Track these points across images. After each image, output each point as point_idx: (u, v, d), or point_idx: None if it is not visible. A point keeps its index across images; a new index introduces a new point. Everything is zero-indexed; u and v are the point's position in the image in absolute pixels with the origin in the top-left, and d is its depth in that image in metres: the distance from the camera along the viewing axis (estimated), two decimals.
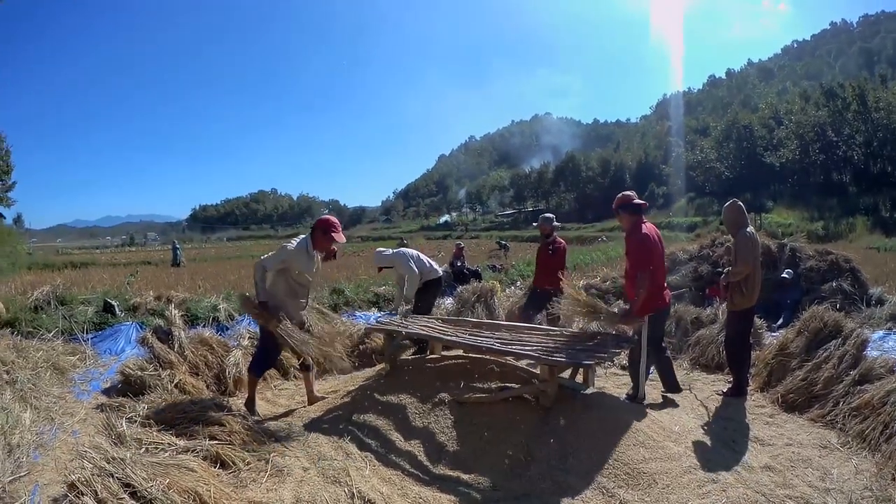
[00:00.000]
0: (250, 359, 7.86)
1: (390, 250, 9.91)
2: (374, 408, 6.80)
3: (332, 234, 7.06)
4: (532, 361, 6.84)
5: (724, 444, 6.18)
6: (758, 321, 9.16)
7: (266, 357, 7.37)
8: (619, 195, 7.57)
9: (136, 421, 6.05)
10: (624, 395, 7.59)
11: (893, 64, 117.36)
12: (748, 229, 7.61)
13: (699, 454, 5.80)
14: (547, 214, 10.16)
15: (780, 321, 11.33)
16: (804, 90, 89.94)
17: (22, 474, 5.00)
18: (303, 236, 7.22)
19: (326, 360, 7.40)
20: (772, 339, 9.45)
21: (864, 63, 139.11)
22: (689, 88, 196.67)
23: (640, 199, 7.38)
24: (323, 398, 7.58)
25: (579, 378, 7.13)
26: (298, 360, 7.74)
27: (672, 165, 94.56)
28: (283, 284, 7.09)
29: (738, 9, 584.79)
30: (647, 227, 7.30)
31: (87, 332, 9.78)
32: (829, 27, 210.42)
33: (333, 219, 7.26)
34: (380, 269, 10.16)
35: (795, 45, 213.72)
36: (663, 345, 7.82)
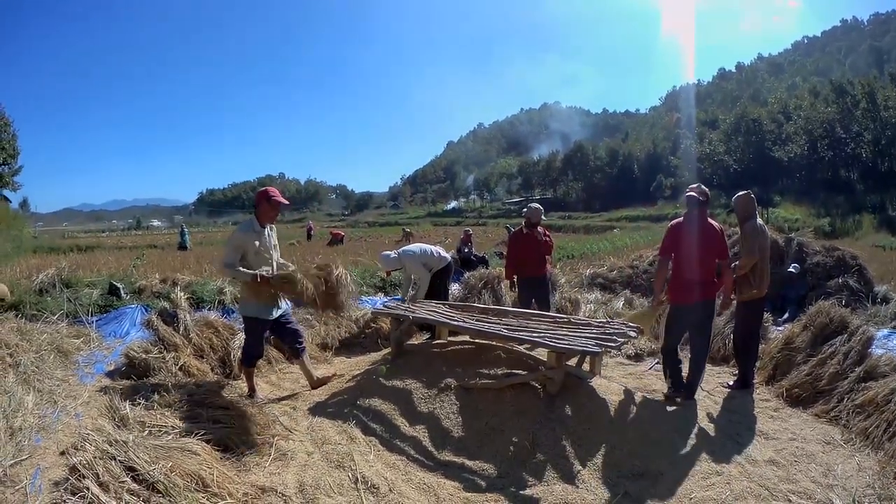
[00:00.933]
0: None
1: (394, 252, 9.79)
2: (379, 392, 6.79)
3: (274, 197, 6.95)
4: (539, 348, 6.85)
5: (728, 436, 6.16)
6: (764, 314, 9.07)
7: (249, 346, 7.22)
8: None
9: (139, 403, 6.02)
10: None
11: None
12: (757, 220, 7.59)
13: (704, 446, 5.79)
14: (537, 205, 10.00)
15: (786, 315, 11.32)
16: (814, 86, 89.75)
17: (24, 457, 4.96)
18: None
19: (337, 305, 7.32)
20: (777, 332, 9.45)
21: (874, 61, 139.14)
22: (699, 81, 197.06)
23: (651, 190, 7.42)
24: (326, 379, 7.58)
25: (586, 366, 7.13)
26: (289, 348, 7.66)
27: (680, 157, 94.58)
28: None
29: (749, 3, 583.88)
30: (692, 218, 7.15)
31: (91, 315, 9.77)
32: (839, 24, 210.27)
33: (270, 188, 7.12)
34: (388, 272, 10.08)
35: (806, 41, 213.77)
36: (677, 346, 7.64)
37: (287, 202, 7.37)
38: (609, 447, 5.49)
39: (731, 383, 7.90)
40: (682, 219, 7.03)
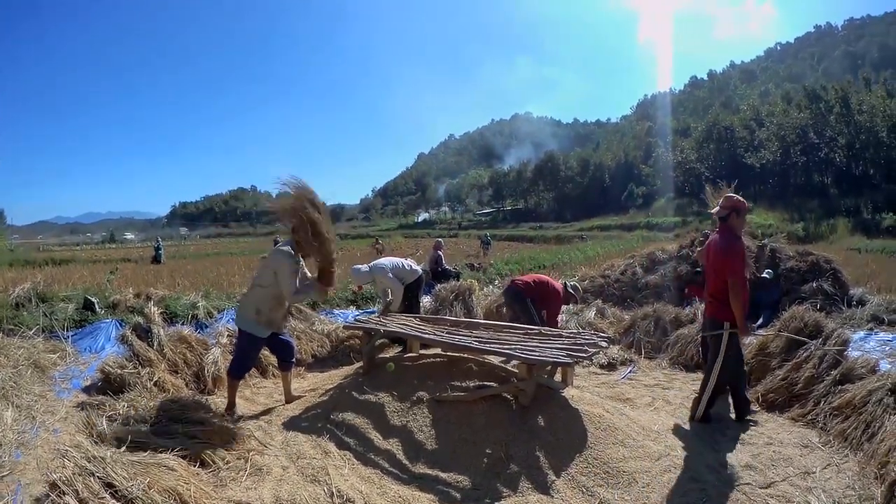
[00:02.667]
0: (230, 358, 7.80)
1: (366, 266, 9.88)
2: (352, 406, 6.81)
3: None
4: (510, 360, 6.88)
5: (704, 442, 6.22)
6: None
7: (244, 359, 7.30)
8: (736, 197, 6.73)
9: (116, 419, 6.04)
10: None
11: (878, 68, 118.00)
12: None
13: (679, 453, 5.82)
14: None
15: (760, 321, 11.37)
16: (786, 92, 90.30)
17: (4, 474, 4.98)
18: (283, 245, 7.17)
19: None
20: (751, 339, 9.50)
21: (849, 66, 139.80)
22: (671, 89, 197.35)
23: (623, 199, 7.39)
24: (300, 397, 7.59)
25: (558, 377, 7.18)
26: (279, 360, 7.67)
27: (652, 166, 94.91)
28: (271, 293, 6.98)
29: (720, 11, 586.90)
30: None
31: (67, 330, 9.72)
32: (812, 30, 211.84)
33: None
34: (359, 287, 10.19)
35: (779, 48, 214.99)
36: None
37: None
38: (583, 457, 5.50)
39: None
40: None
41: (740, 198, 6.61)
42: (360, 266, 9.94)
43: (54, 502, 4.10)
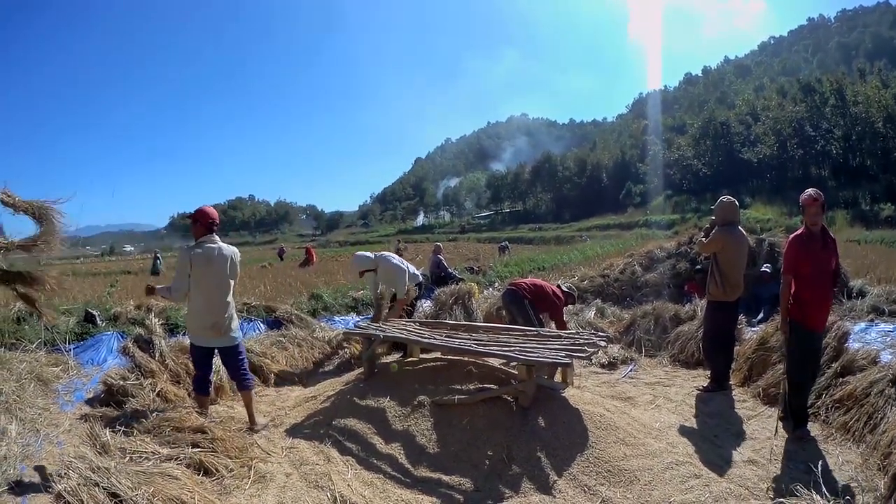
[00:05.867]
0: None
1: (371, 253, 9.90)
2: (354, 412, 6.82)
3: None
4: (510, 362, 6.90)
5: (705, 439, 6.25)
6: None
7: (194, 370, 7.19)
8: (819, 192, 6.33)
9: (119, 430, 6.03)
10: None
11: (872, 58, 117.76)
12: (737, 228, 7.79)
13: (681, 450, 5.85)
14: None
15: (760, 316, 11.47)
16: (781, 86, 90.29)
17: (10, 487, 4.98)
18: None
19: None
20: (751, 333, 9.53)
21: (842, 58, 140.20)
22: (666, 87, 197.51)
23: (621, 198, 7.31)
24: (263, 427, 7.04)
25: (558, 377, 7.22)
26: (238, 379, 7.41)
27: (649, 164, 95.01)
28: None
29: (713, 7, 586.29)
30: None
31: (69, 343, 9.70)
32: (806, 23, 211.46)
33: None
34: (361, 273, 9.98)
35: (772, 42, 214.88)
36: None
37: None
38: (584, 456, 5.53)
39: (704, 386, 8.01)
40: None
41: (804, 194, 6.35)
42: (365, 253, 9.96)
43: None
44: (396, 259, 9.83)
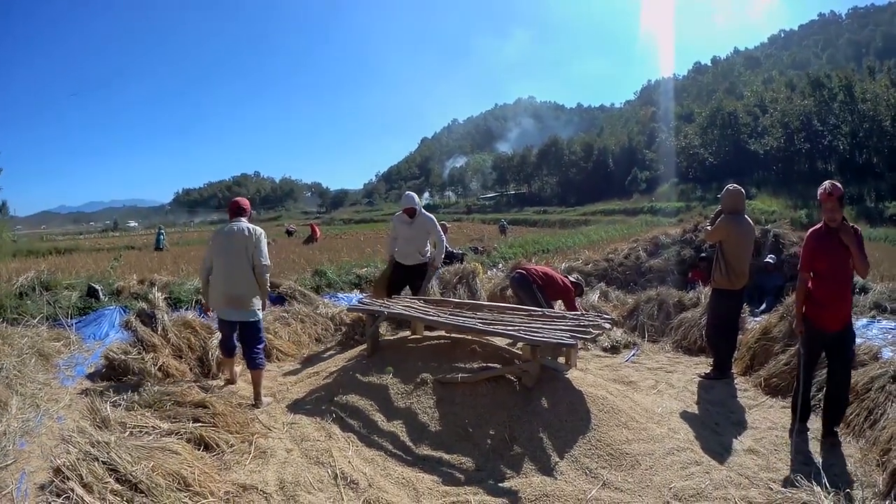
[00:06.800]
0: None
1: (420, 206, 9.63)
2: (356, 389, 6.83)
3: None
4: (514, 342, 6.92)
5: (707, 426, 6.25)
6: None
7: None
8: (839, 185, 5.92)
9: (120, 405, 6.05)
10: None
11: (882, 56, 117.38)
12: (743, 216, 7.77)
13: (682, 436, 5.86)
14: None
15: (763, 306, 11.45)
16: (790, 79, 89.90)
17: (9, 462, 4.94)
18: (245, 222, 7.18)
19: None
20: (754, 323, 9.51)
21: (853, 55, 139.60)
22: (675, 75, 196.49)
23: (627, 184, 7.20)
24: (266, 406, 7.07)
25: (562, 359, 7.23)
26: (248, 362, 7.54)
27: (656, 151, 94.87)
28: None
29: None
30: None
31: (71, 318, 9.75)
32: (817, 18, 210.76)
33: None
34: (409, 211, 9.39)
35: (783, 35, 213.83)
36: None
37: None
38: (586, 438, 5.53)
39: (706, 373, 8.01)
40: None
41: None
42: (415, 195, 9.73)
43: (58, 487, 4.12)
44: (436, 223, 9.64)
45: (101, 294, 10.55)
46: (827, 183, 5.84)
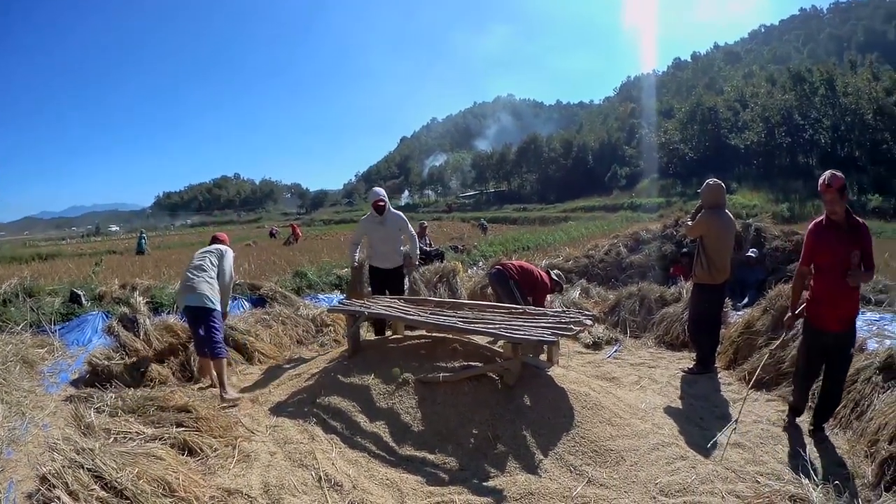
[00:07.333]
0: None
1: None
2: (338, 390, 6.81)
3: None
4: (495, 340, 7.00)
5: (691, 421, 6.27)
6: None
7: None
8: (839, 174, 5.58)
9: (104, 411, 6.03)
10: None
11: (864, 50, 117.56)
12: (723, 211, 7.80)
13: (667, 431, 5.88)
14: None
15: (746, 300, 11.50)
16: (770, 74, 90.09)
17: None
18: None
19: None
20: (737, 317, 9.56)
21: (834, 49, 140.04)
22: (654, 71, 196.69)
23: (606, 180, 7.17)
24: (234, 401, 7.24)
25: (543, 357, 7.19)
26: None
27: (636, 147, 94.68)
28: None
29: None
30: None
31: (54, 324, 9.78)
32: (798, 13, 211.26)
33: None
34: (378, 205, 9.16)
35: (763, 31, 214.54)
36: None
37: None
38: (570, 435, 5.53)
39: (689, 368, 8.04)
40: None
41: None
42: (382, 189, 9.63)
43: (45, 496, 4.12)
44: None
45: (83, 299, 10.56)
46: (827, 173, 5.58)
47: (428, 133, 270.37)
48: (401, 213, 9.43)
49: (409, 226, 9.35)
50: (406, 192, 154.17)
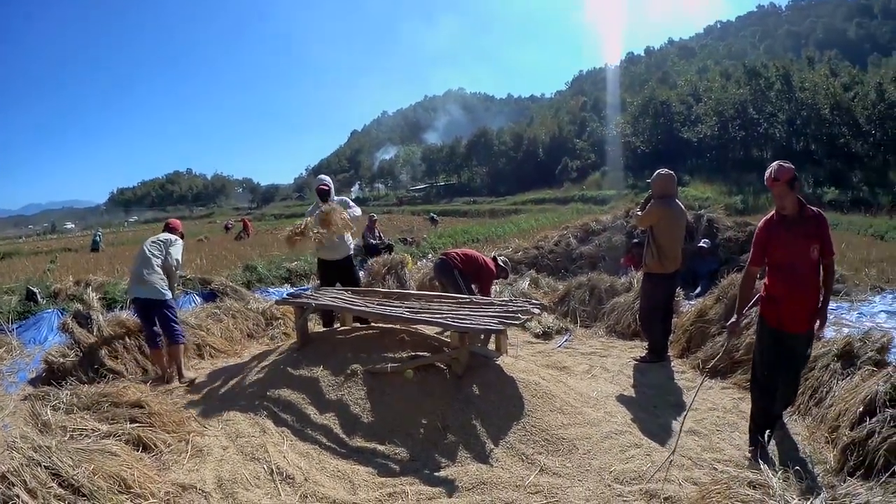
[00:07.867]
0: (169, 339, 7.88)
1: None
2: (287, 382, 6.84)
3: None
4: (443, 330, 7.04)
5: (644, 409, 6.37)
6: None
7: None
8: (787, 165, 5.09)
9: (59, 408, 6.05)
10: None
11: (822, 47, 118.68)
12: (674, 201, 7.87)
13: (620, 419, 5.96)
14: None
15: (698, 290, 11.71)
16: (725, 69, 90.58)
17: None
18: None
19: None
20: (689, 306, 9.73)
21: (791, 46, 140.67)
22: (607, 65, 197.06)
23: (557, 173, 7.15)
24: (192, 381, 7.70)
25: (492, 346, 7.31)
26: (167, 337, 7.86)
27: (587, 140, 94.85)
28: None
29: None
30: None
31: (11, 323, 9.82)
32: (755, 9, 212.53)
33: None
34: (322, 190, 9.13)
35: (719, 26, 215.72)
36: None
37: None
38: (520, 424, 5.58)
39: (641, 357, 8.15)
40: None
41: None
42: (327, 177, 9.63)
43: (5, 494, 4.12)
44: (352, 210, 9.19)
45: (39, 297, 10.56)
46: (773, 165, 5.14)
47: (378, 127, 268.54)
48: (345, 198, 9.31)
49: (355, 206, 9.17)
50: (356, 186, 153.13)
